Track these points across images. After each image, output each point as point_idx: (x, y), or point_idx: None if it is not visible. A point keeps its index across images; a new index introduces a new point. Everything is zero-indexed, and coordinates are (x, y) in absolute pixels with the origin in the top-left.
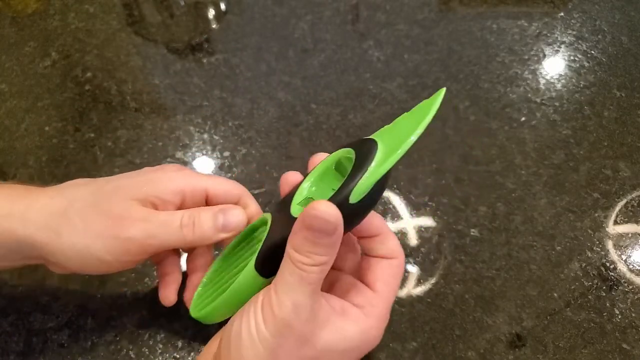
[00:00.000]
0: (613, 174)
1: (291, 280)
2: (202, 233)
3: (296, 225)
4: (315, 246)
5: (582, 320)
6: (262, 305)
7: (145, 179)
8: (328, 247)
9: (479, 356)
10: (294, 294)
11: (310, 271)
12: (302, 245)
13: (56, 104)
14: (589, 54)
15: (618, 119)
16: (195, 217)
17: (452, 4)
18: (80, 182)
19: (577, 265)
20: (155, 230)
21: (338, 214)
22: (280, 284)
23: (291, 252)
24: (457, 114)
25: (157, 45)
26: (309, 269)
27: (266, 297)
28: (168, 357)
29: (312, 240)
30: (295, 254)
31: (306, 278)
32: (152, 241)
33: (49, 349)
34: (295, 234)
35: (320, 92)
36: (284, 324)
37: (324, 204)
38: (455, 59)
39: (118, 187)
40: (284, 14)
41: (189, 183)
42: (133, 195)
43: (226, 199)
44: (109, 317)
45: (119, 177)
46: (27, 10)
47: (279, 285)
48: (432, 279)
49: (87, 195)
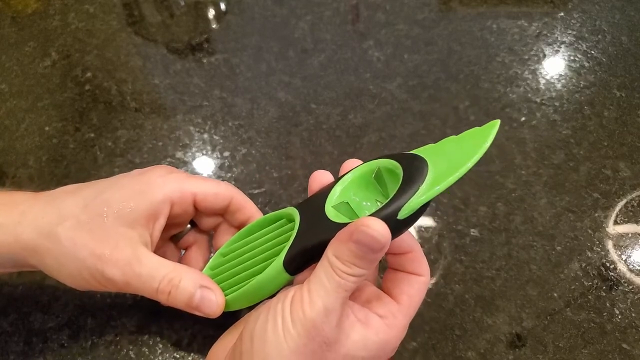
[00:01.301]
0: (613, 174)
1: (327, 285)
2: (175, 303)
3: (343, 234)
4: (359, 259)
5: (582, 320)
6: (291, 303)
7: (132, 192)
8: (370, 262)
9: (479, 356)
10: (327, 298)
11: (347, 280)
12: (346, 255)
13: (56, 104)
14: (589, 54)
15: (618, 119)
16: (173, 286)
17: (452, 4)
18: (71, 191)
19: (577, 265)
20: (133, 281)
21: (388, 234)
22: (314, 286)
23: (332, 258)
24: (457, 114)
25: (157, 45)
26: (347, 277)
27: (297, 296)
28: (168, 357)
29: (357, 254)
30: (337, 261)
31: (343, 286)
32: (129, 288)
33: (49, 348)
34: (340, 243)
35: (320, 92)
36: (313, 325)
37: (377, 223)
38: (455, 59)
39: (108, 203)
40: (284, 14)
41: (176, 189)
42: (122, 219)
43: (216, 203)
44: (109, 317)
45: (107, 187)
46: (27, 10)
47: (313, 287)
48: (432, 278)
49: (78, 211)
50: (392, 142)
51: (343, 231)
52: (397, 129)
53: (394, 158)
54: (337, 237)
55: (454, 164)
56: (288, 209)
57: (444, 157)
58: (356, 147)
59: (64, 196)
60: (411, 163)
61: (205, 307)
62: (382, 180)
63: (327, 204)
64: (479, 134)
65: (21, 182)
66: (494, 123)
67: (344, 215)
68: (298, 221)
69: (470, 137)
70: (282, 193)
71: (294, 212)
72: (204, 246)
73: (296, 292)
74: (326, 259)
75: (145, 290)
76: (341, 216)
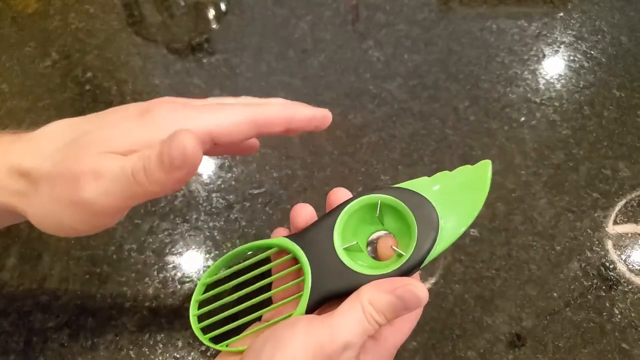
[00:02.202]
0: (613, 174)
1: (354, 327)
2: (153, 177)
3: (384, 286)
4: (392, 312)
5: (581, 320)
6: (305, 333)
7: (129, 129)
8: (399, 315)
9: (479, 356)
10: (351, 338)
11: (374, 326)
12: (382, 305)
13: (56, 104)
14: (588, 54)
15: (618, 119)
16: (145, 157)
17: (452, 4)
18: (61, 127)
19: (577, 265)
20: (108, 185)
21: (427, 296)
22: (340, 324)
23: (366, 305)
24: (457, 114)
25: (158, 45)
26: (374, 324)
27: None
28: (168, 357)
29: (395, 307)
30: (371, 308)
31: (368, 331)
32: (109, 200)
33: (49, 348)
34: (379, 293)
35: (320, 92)
36: (329, 358)
37: (421, 286)
38: (455, 59)
39: (93, 141)
40: (284, 14)
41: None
42: (109, 147)
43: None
44: (109, 317)
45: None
46: (28, 10)
47: (338, 325)
48: (432, 278)
49: (58, 150)
50: (392, 142)
51: (384, 282)
52: (397, 129)
53: (396, 196)
54: (377, 287)
55: (462, 214)
56: (280, 240)
57: (449, 202)
58: (356, 147)
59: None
60: (419, 207)
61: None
62: (380, 213)
63: (336, 247)
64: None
65: None
66: (486, 164)
67: (359, 260)
68: (308, 266)
69: (468, 179)
70: (282, 193)
71: (294, 247)
72: None
73: (312, 324)
74: (358, 304)
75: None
76: (361, 265)
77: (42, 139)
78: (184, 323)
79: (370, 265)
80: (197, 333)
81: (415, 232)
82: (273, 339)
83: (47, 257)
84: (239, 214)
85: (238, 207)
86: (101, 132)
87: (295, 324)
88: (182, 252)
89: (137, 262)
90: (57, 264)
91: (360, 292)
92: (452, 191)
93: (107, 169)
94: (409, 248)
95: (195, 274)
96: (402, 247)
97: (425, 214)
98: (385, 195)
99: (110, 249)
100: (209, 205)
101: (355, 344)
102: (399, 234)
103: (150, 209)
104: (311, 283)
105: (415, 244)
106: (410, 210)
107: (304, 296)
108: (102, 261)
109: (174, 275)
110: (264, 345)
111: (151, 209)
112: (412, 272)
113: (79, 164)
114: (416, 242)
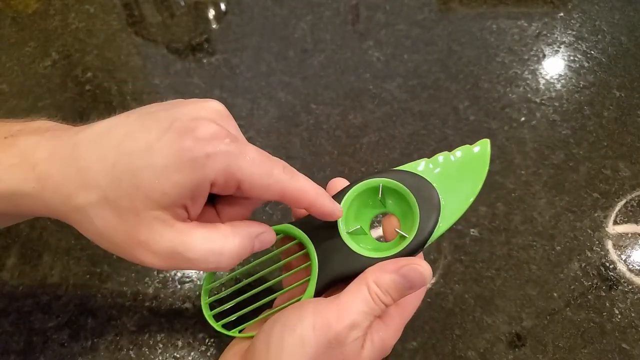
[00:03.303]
0: (613, 174)
1: (360, 306)
2: None
3: (389, 265)
4: (397, 291)
5: (581, 320)
6: (313, 313)
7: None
8: (402, 296)
9: (479, 356)
10: (357, 317)
11: (379, 306)
12: (387, 284)
13: (57, 104)
14: (588, 54)
15: (618, 119)
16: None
17: (452, 4)
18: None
19: (577, 265)
20: (183, 265)
21: (431, 274)
22: (347, 303)
23: (372, 285)
24: (457, 114)
25: (158, 45)
26: (380, 304)
27: (321, 307)
28: (168, 357)
29: (399, 286)
30: (377, 288)
31: (374, 310)
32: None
33: (49, 348)
34: (383, 273)
35: (320, 92)
36: (336, 337)
37: (425, 264)
38: (455, 59)
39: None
40: (284, 14)
41: (221, 172)
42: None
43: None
44: (109, 317)
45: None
46: (28, 10)
47: (345, 304)
48: (432, 278)
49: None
50: (392, 142)
51: (388, 262)
52: (397, 129)
53: (396, 179)
54: (382, 268)
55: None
56: (284, 227)
57: (449, 182)
58: (356, 147)
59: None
60: (420, 189)
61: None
62: (382, 195)
63: (341, 231)
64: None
65: None
66: (485, 143)
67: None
68: (314, 251)
69: (467, 159)
70: None
71: (299, 233)
72: None
73: (319, 304)
74: (364, 284)
75: (196, 268)
76: (366, 248)
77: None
78: (184, 323)
79: (375, 247)
80: (210, 320)
81: (417, 213)
82: (282, 321)
83: (47, 257)
84: None
85: None
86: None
87: (303, 305)
88: None
89: None
90: (57, 264)
91: (365, 274)
92: (452, 171)
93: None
94: (412, 229)
95: (195, 273)
96: (405, 228)
97: (427, 195)
98: (386, 178)
99: None
100: None
101: (362, 323)
102: (401, 215)
103: None
104: (318, 267)
105: (418, 225)
106: (411, 192)
107: (311, 280)
108: (102, 261)
109: (174, 275)
110: (274, 327)
111: None
112: (416, 252)
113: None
114: (419, 223)
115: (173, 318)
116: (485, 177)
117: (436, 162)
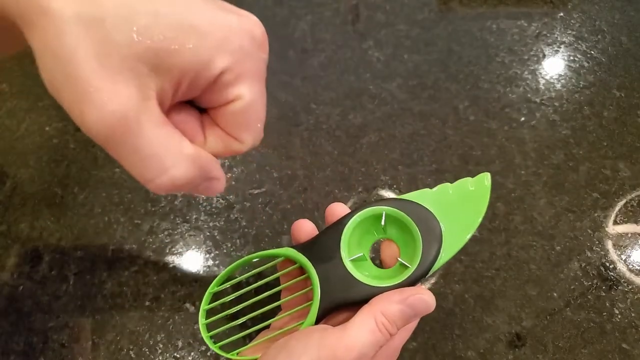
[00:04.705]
0: (613, 174)
1: (368, 338)
2: None
3: (395, 296)
4: (403, 320)
5: (581, 320)
6: (319, 344)
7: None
8: (409, 322)
9: (479, 356)
10: (364, 349)
11: (386, 336)
12: (394, 315)
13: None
14: (588, 54)
15: (618, 119)
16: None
17: (452, 4)
18: None
19: (577, 265)
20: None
21: (435, 302)
22: (354, 336)
23: (379, 316)
24: (457, 114)
25: None
26: (386, 334)
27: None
28: (168, 357)
29: (406, 315)
30: (384, 319)
31: (381, 340)
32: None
33: (49, 348)
34: (390, 303)
35: (320, 92)
36: None
37: (429, 293)
38: (455, 59)
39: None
40: (284, 14)
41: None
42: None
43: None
44: (109, 317)
45: None
46: None
47: (352, 336)
48: (432, 278)
49: None
50: (392, 142)
51: (394, 293)
52: (397, 129)
53: (400, 208)
54: (388, 298)
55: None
56: (286, 250)
57: (451, 214)
58: (356, 147)
59: None
60: (423, 220)
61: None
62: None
63: (343, 259)
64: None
65: (22, 182)
66: (485, 176)
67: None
68: (316, 277)
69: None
70: (282, 193)
71: (301, 258)
72: None
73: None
74: (371, 315)
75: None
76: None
77: None
78: (184, 323)
79: (376, 274)
80: (208, 341)
81: (419, 243)
82: (287, 350)
83: (48, 257)
84: (239, 214)
85: (238, 207)
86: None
87: (309, 334)
88: (182, 252)
89: (137, 262)
90: (58, 264)
91: (372, 304)
92: (454, 202)
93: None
94: (414, 259)
95: (195, 274)
96: (405, 256)
97: (429, 225)
98: (389, 207)
99: (110, 249)
100: (209, 205)
101: (368, 354)
102: (402, 243)
103: (150, 209)
104: (321, 296)
105: (420, 255)
106: (414, 222)
107: (313, 306)
108: (102, 261)
109: (174, 276)
110: (278, 356)
111: (151, 209)
112: (417, 282)
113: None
114: (421, 254)
115: (173, 318)
116: (485, 210)
117: (438, 192)
